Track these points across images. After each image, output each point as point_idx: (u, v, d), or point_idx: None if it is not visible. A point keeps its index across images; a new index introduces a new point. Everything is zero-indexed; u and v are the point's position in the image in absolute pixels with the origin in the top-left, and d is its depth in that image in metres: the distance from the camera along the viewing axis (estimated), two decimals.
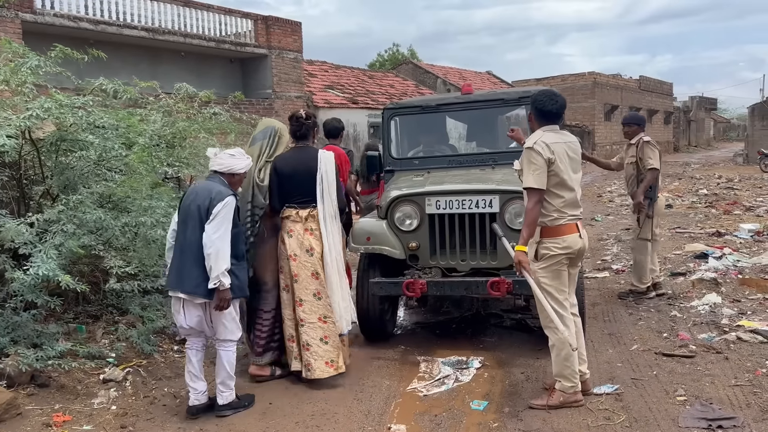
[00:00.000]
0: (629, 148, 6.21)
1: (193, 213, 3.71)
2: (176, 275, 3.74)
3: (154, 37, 14.69)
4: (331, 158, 4.50)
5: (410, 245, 4.81)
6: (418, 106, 6.00)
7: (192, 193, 3.82)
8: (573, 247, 3.75)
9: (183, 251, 3.73)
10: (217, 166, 3.85)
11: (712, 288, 6.10)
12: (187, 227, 3.73)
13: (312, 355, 4.29)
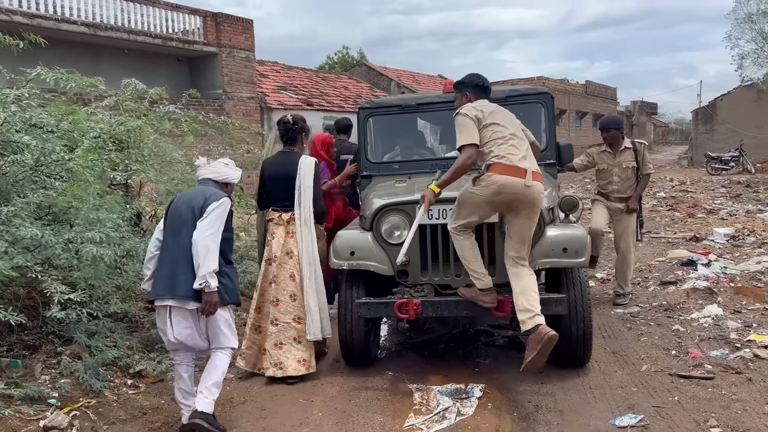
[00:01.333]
0: (623, 153, 5.92)
1: (187, 217, 3.54)
2: (166, 282, 3.50)
3: (95, 33, 13.75)
4: (311, 164, 4.54)
5: (399, 260, 4.27)
6: (397, 105, 5.49)
7: (182, 200, 3.67)
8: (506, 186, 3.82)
9: (175, 258, 3.51)
10: (212, 175, 3.78)
11: (708, 298, 5.80)
12: (179, 233, 3.53)
13: (284, 354, 4.40)
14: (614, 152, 5.97)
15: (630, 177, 5.90)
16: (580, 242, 4.15)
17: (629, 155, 5.92)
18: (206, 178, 3.77)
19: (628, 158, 5.92)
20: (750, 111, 29.64)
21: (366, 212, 4.43)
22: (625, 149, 5.95)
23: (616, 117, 6.47)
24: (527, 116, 5.52)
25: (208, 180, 3.76)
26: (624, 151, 5.95)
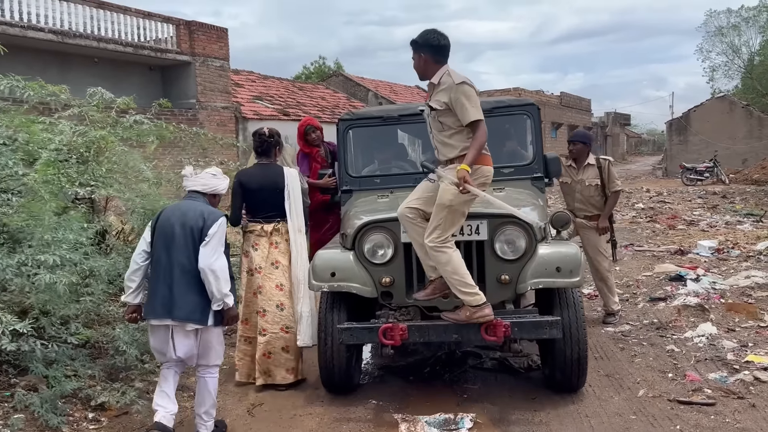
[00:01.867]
0: (586, 169, 5.72)
1: (181, 235, 3.48)
2: (163, 302, 3.45)
3: (64, 40, 13.30)
4: (296, 176, 4.62)
5: (383, 280, 4.01)
6: (378, 117, 5.23)
7: (174, 214, 3.56)
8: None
9: (172, 278, 3.45)
10: (200, 187, 3.69)
11: (700, 315, 5.62)
12: (175, 252, 3.47)
13: (273, 363, 4.45)
14: (578, 167, 5.78)
15: (593, 195, 5.67)
16: (574, 261, 3.92)
17: (593, 173, 5.70)
18: (194, 190, 3.68)
19: (591, 176, 5.69)
20: (722, 122, 30.06)
21: (347, 230, 4.16)
22: (588, 166, 5.73)
23: (586, 132, 6.22)
24: (513, 128, 5.33)
25: (195, 192, 3.68)
26: (587, 168, 5.73)
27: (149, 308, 3.51)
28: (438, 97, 3.71)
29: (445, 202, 3.61)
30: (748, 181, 24.28)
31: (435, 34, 3.74)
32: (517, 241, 3.97)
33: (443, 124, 3.73)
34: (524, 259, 3.96)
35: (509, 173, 4.97)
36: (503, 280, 3.96)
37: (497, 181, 4.74)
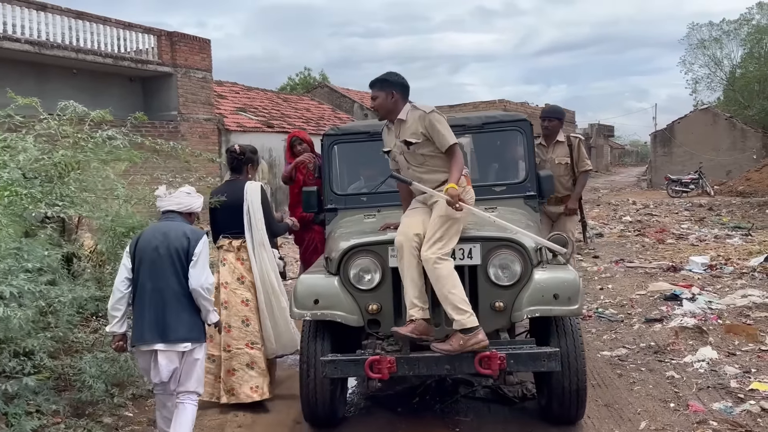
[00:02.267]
0: (556, 147, 5.53)
1: (167, 257, 3.45)
2: (153, 328, 3.40)
3: (41, 51, 12.94)
4: (257, 189, 4.60)
5: (370, 308, 3.75)
6: (365, 132, 4.99)
7: (155, 237, 3.51)
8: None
9: (160, 302, 3.43)
10: (176, 206, 3.65)
11: (698, 338, 5.42)
12: (161, 277, 3.44)
13: (237, 380, 4.39)
14: (547, 145, 5.58)
15: (563, 174, 5.48)
16: (573, 287, 3.70)
17: (562, 150, 5.52)
18: (169, 210, 3.64)
19: (561, 153, 5.51)
20: (706, 134, 30.24)
21: (332, 254, 3.90)
22: (558, 143, 5.56)
23: (559, 107, 5.94)
24: (504, 145, 5.11)
25: (172, 212, 3.64)
26: (557, 145, 5.56)
27: (137, 334, 3.45)
28: (411, 131, 3.78)
29: (447, 213, 3.56)
30: (732, 192, 24.36)
31: (400, 74, 3.92)
32: (512, 265, 3.74)
33: (423, 155, 3.79)
34: (519, 284, 3.73)
35: (501, 191, 4.76)
36: (497, 308, 3.73)
37: (488, 200, 4.54)
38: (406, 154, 3.83)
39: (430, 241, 3.57)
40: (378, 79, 3.88)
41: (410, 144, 3.79)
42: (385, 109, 3.87)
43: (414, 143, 3.78)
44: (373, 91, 3.89)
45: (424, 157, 3.79)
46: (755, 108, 34.72)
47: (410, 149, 3.80)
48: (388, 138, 4.00)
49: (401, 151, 3.86)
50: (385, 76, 3.88)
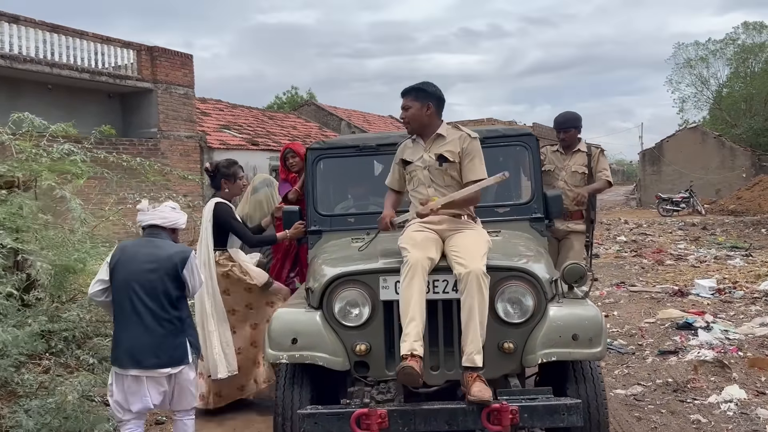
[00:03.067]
0: (575, 155, 5.07)
1: (156, 279, 3.29)
2: (138, 353, 3.23)
3: (12, 65, 12.37)
4: (209, 208, 4.52)
5: (357, 348, 3.19)
6: (354, 146, 4.47)
7: (138, 257, 3.34)
8: None
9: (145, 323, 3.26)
10: (160, 221, 3.48)
11: (720, 373, 4.91)
12: (141, 295, 3.27)
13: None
14: (566, 153, 5.11)
15: (578, 184, 5.01)
16: (594, 326, 3.17)
17: (581, 159, 5.05)
18: (153, 224, 3.47)
19: (579, 162, 5.04)
20: (695, 153, 30.13)
21: (313, 284, 3.36)
22: (579, 152, 5.08)
23: (576, 115, 5.27)
24: (508, 162, 4.60)
25: (155, 227, 3.48)
26: (576, 154, 5.08)
27: (131, 358, 3.25)
28: (448, 148, 3.43)
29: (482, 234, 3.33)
30: (724, 211, 24.16)
31: (437, 86, 3.53)
32: (524, 299, 3.21)
33: (452, 177, 3.45)
34: (532, 322, 3.20)
35: (504, 213, 4.26)
36: (506, 349, 3.19)
37: (490, 223, 4.04)
38: (434, 170, 3.45)
39: (476, 254, 3.11)
40: (413, 88, 3.47)
41: (445, 161, 3.41)
42: (418, 123, 3.48)
43: (450, 161, 3.42)
44: (406, 100, 3.47)
45: (452, 180, 3.45)
46: (742, 127, 34.82)
47: (442, 166, 3.43)
48: (412, 150, 3.57)
49: (427, 166, 3.46)
50: (422, 85, 3.48)
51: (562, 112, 5.24)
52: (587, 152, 5.05)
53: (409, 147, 3.60)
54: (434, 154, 3.44)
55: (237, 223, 4.54)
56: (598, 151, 5.08)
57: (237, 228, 4.51)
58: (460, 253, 3.13)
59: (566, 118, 5.15)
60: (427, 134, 3.50)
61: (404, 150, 3.62)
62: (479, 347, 3.03)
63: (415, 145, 3.56)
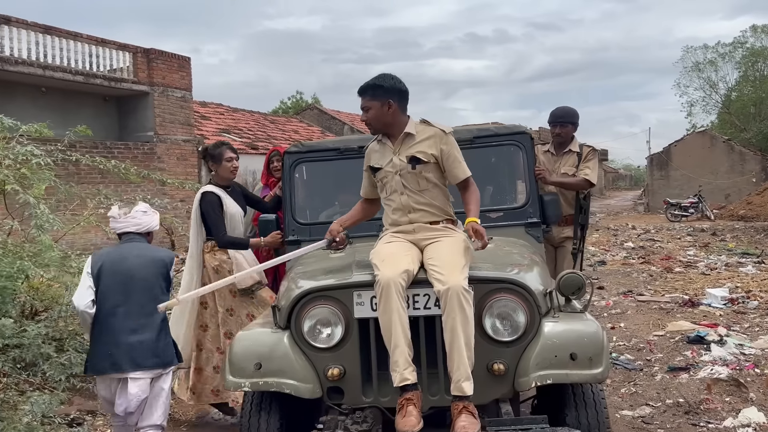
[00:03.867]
0: (565, 156, 4.68)
1: (142, 282, 3.29)
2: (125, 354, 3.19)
3: (4, 68, 12.15)
4: (197, 197, 4.28)
5: (329, 373, 2.85)
6: (334, 149, 4.13)
7: (124, 263, 3.31)
8: None
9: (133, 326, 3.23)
10: (134, 228, 3.44)
11: (736, 393, 4.53)
12: (131, 299, 3.25)
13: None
14: (557, 153, 4.73)
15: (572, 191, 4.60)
16: (595, 343, 2.81)
17: (572, 160, 4.64)
18: (128, 231, 3.43)
19: (571, 164, 4.64)
20: (704, 157, 29.64)
21: (281, 301, 3.02)
22: (570, 152, 4.67)
23: (573, 110, 4.83)
24: (501, 162, 4.26)
25: (130, 233, 3.44)
26: (568, 155, 4.68)
27: (105, 362, 3.21)
28: (420, 148, 3.07)
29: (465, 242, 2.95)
30: (734, 216, 23.68)
31: (396, 77, 3.14)
32: (514, 314, 2.87)
33: (427, 180, 3.09)
34: (524, 340, 2.85)
35: (497, 219, 3.89)
36: (496, 371, 2.84)
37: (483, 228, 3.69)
38: (407, 174, 3.07)
39: (455, 267, 2.76)
40: (369, 85, 3.09)
41: (418, 163, 3.05)
42: (381, 122, 3.10)
43: (423, 162, 3.06)
44: (364, 100, 3.10)
45: (427, 183, 3.09)
46: (752, 131, 34.32)
47: (416, 169, 3.06)
48: (379, 153, 3.19)
49: (398, 171, 3.08)
50: (378, 80, 3.09)
51: (560, 106, 4.84)
52: (578, 152, 4.68)
53: (375, 150, 3.22)
54: (405, 157, 3.07)
55: (214, 216, 4.19)
56: (588, 150, 4.70)
57: (212, 221, 4.19)
58: (437, 266, 2.78)
59: (564, 112, 4.75)
60: (394, 134, 3.13)
61: (371, 155, 3.24)
62: (467, 373, 2.69)
63: (382, 147, 3.19)
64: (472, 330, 2.72)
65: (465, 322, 2.69)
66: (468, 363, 2.72)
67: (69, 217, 5.34)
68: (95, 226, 5.82)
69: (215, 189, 4.27)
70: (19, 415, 3.55)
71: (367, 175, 3.30)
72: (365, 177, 3.33)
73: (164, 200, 7.06)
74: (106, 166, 5.45)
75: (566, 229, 4.66)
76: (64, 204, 5.49)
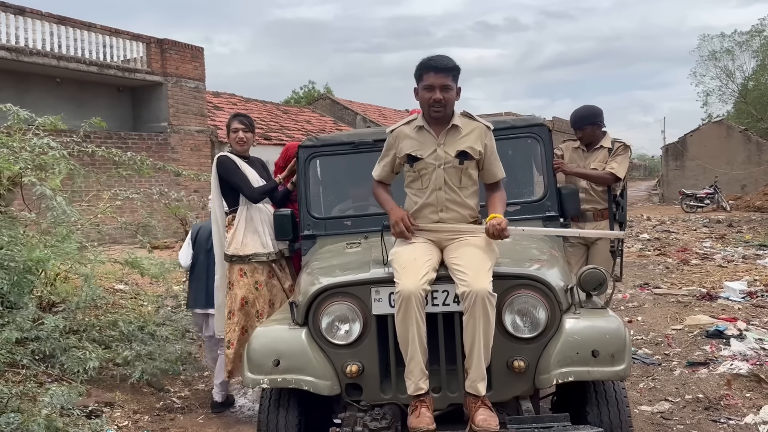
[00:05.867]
0: (597, 152, 4.59)
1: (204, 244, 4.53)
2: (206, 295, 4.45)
3: (19, 58, 12.19)
4: (213, 164, 4.32)
5: (348, 369, 2.83)
6: (349, 143, 4.07)
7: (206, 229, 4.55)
8: None
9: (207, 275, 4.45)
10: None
11: (756, 388, 4.47)
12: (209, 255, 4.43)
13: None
14: (588, 151, 4.64)
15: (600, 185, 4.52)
16: (617, 340, 2.76)
17: (603, 156, 4.55)
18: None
19: (601, 159, 4.55)
20: (720, 147, 29.31)
21: (298, 297, 3.00)
22: (601, 149, 4.58)
23: (594, 109, 4.69)
24: (517, 155, 4.18)
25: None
26: (598, 151, 4.59)
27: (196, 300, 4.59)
28: (468, 144, 2.96)
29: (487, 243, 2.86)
30: (750, 208, 23.42)
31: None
32: (535, 311, 2.82)
33: (469, 177, 2.99)
34: (545, 337, 2.81)
35: (514, 212, 3.84)
36: (516, 368, 2.80)
37: None
38: (451, 169, 2.95)
39: (480, 270, 2.69)
40: (455, 65, 2.92)
41: (466, 158, 2.94)
42: (451, 109, 2.96)
43: (471, 158, 2.96)
44: (444, 77, 2.88)
45: (468, 180, 2.99)
46: None
47: (463, 165, 2.95)
48: (417, 141, 2.99)
49: (443, 164, 2.94)
50: (456, 63, 2.93)
51: (578, 108, 4.73)
52: (610, 148, 4.59)
53: (410, 137, 3.00)
54: (453, 150, 2.94)
55: (236, 176, 4.13)
56: (619, 146, 4.61)
57: (236, 182, 4.13)
58: (462, 267, 2.72)
59: (580, 115, 4.65)
60: (440, 124, 2.98)
61: (404, 140, 3.01)
62: (483, 373, 2.67)
63: (422, 135, 2.98)
64: (492, 332, 2.69)
65: (487, 326, 2.66)
66: (484, 365, 2.70)
67: (85, 208, 5.34)
68: (111, 218, 5.83)
69: (230, 154, 4.23)
70: (39, 407, 3.56)
71: (389, 160, 3.10)
72: (387, 162, 3.12)
73: (180, 192, 7.08)
74: (122, 158, 5.45)
75: (601, 224, 4.55)
76: (79, 196, 5.49)
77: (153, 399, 4.67)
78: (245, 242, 4.12)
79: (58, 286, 4.76)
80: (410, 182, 3.05)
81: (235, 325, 4.14)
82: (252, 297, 4.12)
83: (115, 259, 5.30)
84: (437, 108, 2.90)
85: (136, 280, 6.65)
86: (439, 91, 2.87)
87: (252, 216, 4.15)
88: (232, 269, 4.15)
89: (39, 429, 3.36)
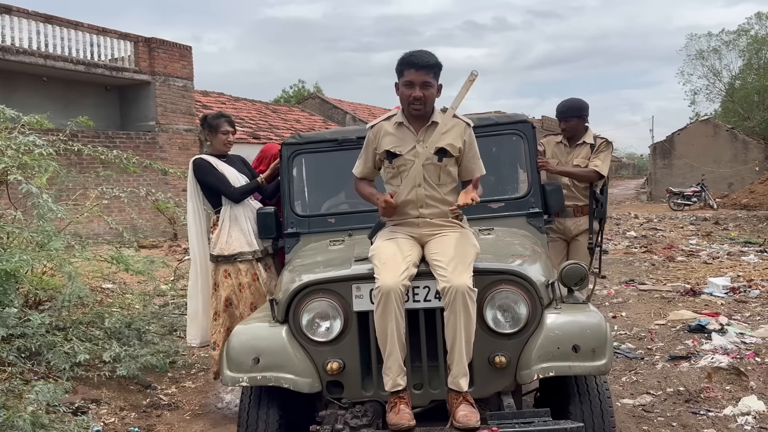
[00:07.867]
0: (579, 147, 4.63)
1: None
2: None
3: (5, 57, 12.12)
4: (189, 167, 4.32)
5: (329, 367, 2.84)
6: (332, 140, 4.10)
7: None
8: None
9: None
10: None
11: (736, 381, 4.53)
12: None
13: None
14: (570, 145, 4.69)
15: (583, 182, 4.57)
16: (598, 334, 2.80)
17: (585, 152, 4.59)
18: None
19: (584, 155, 4.58)
20: (707, 146, 29.54)
21: (278, 294, 3.01)
22: (584, 144, 4.62)
23: (580, 102, 4.71)
24: (501, 152, 4.22)
25: None
26: (581, 147, 4.63)
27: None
28: (448, 141, 2.95)
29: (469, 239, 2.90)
30: (736, 205, 23.64)
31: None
32: (516, 306, 2.85)
33: (449, 175, 2.99)
34: (526, 332, 2.84)
35: (498, 209, 3.88)
36: (497, 363, 2.83)
37: (483, 219, 3.68)
38: (430, 166, 2.94)
39: (460, 265, 2.71)
40: (436, 62, 2.89)
41: (445, 155, 2.94)
42: (431, 105, 2.94)
43: (450, 156, 2.95)
44: (425, 75, 2.86)
45: (447, 177, 2.99)
46: (755, 119, 34.15)
47: (442, 162, 2.94)
48: (397, 137, 2.98)
49: (422, 161, 2.93)
50: (437, 60, 2.90)
51: (564, 100, 4.78)
52: (592, 144, 4.64)
53: (390, 133, 2.99)
54: (433, 147, 2.94)
55: (213, 177, 4.16)
56: (601, 142, 4.66)
57: (214, 183, 4.16)
58: (442, 263, 2.75)
59: (567, 107, 4.69)
60: (420, 120, 2.97)
61: (384, 136, 3.00)
62: (465, 369, 2.70)
63: (401, 131, 2.97)
64: (473, 327, 2.71)
65: (468, 321, 2.68)
66: (466, 361, 2.72)
67: (71, 206, 5.33)
68: (98, 216, 5.83)
69: (205, 156, 4.26)
70: (24, 404, 3.56)
71: (370, 156, 3.09)
72: (367, 158, 3.11)
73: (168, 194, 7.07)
74: (108, 156, 5.44)
75: (581, 220, 4.61)
76: (66, 194, 5.48)
77: (140, 396, 4.68)
78: (230, 241, 4.14)
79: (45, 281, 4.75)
80: (390, 178, 3.07)
81: (220, 327, 4.16)
82: (236, 299, 4.14)
83: (101, 256, 5.29)
84: (417, 105, 2.89)
85: (123, 279, 6.65)
86: (419, 88, 2.86)
87: (236, 215, 4.17)
88: (218, 270, 4.17)
89: (25, 425, 3.37)
